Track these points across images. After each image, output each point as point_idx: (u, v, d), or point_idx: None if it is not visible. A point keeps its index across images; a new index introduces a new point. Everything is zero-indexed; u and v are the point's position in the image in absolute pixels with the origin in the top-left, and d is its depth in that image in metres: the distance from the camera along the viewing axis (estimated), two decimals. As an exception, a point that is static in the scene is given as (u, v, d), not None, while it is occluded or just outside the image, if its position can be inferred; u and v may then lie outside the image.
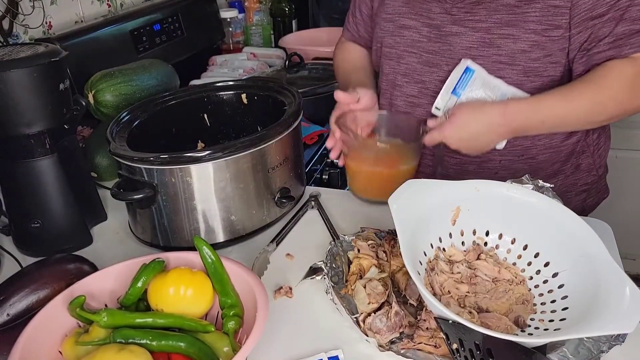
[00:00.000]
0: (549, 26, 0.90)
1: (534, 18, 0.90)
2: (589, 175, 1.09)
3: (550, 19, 0.90)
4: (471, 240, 0.79)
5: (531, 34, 0.91)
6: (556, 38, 0.91)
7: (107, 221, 1.02)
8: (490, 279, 0.75)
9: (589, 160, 1.07)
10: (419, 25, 1.01)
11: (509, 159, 1.02)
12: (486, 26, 0.94)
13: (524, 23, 0.91)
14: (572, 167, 1.06)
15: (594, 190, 1.12)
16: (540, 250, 0.74)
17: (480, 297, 0.72)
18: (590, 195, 1.11)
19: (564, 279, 0.70)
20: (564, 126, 0.95)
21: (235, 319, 0.68)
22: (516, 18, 0.91)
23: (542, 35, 0.91)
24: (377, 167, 0.92)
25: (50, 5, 1.38)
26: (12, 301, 0.73)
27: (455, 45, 0.96)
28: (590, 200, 1.12)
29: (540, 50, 0.92)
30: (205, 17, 1.84)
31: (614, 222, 0.91)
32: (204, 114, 1.11)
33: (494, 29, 0.93)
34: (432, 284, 0.73)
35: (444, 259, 0.77)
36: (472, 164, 1.04)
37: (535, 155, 1.02)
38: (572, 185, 1.08)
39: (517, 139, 0.99)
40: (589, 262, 0.67)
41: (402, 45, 1.03)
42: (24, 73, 0.80)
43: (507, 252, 0.77)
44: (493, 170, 1.03)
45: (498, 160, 1.02)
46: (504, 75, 0.94)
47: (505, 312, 0.70)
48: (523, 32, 0.91)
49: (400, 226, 0.69)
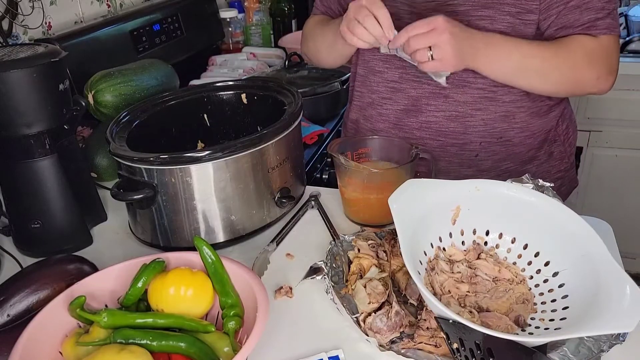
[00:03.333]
0: (522, 9, 0.94)
1: (509, 0, 0.93)
2: (562, 163, 1.14)
3: (523, 3, 0.93)
4: (471, 240, 0.79)
5: (506, 15, 0.94)
6: (528, 22, 0.95)
7: (107, 221, 1.02)
8: (491, 278, 0.75)
9: (560, 148, 1.12)
10: (401, 12, 1.01)
11: (488, 141, 1.05)
12: (464, 9, 0.95)
13: (500, 5, 0.94)
14: (545, 154, 1.10)
15: (567, 179, 1.17)
16: (540, 250, 0.74)
17: (480, 296, 0.72)
18: (563, 183, 1.16)
19: (564, 278, 0.70)
20: (522, 71, 0.95)
21: (236, 319, 0.68)
22: (492, 1, 0.94)
23: (516, 18, 0.94)
24: (370, 192, 0.92)
25: (50, 5, 1.38)
26: (12, 302, 0.73)
27: None
28: (563, 188, 1.16)
29: (515, 32, 0.95)
30: (204, 17, 1.85)
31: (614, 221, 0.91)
32: (203, 114, 1.11)
33: (472, 12, 0.95)
34: (432, 283, 0.73)
35: (444, 258, 0.77)
36: (454, 147, 1.06)
37: (511, 138, 1.05)
38: (546, 173, 1.11)
39: (495, 121, 1.02)
40: (589, 261, 0.67)
41: None
42: (23, 73, 0.80)
43: (507, 252, 0.77)
44: (473, 152, 1.06)
45: (478, 142, 1.05)
46: None
47: (506, 312, 0.70)
48: (499, 14, 0.94)
49: (400, 226, 0.69)
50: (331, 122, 1.49)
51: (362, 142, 1.00)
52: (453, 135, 1.05)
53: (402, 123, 1.08)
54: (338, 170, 0.95)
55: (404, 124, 1.08)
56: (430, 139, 1.06)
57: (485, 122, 1.03)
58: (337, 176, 0.96)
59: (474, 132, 1.04)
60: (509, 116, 1.03)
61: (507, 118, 1.03)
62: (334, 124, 1.49)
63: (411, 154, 0.93)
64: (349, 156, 0.98)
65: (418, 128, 1.06)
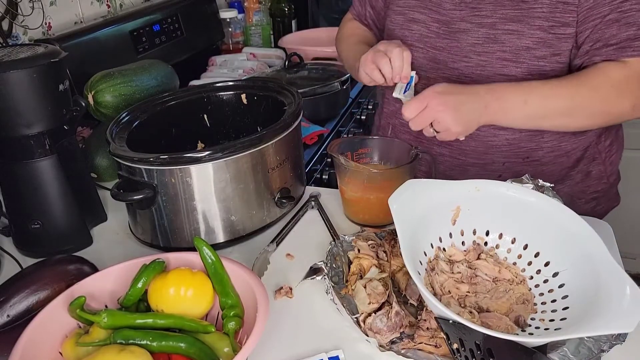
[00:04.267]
0: (555, 23, 0.88)
1: (541, 14, 0.88)
2: (600, 183, 1.06)
3: (558, 16, 0.88)
4: (471, 240, 0.79)
5: (537, 30, 0.89)
6: (563, 36, 0.89)
7: (107, 222, 1.02)
8: (491, 278, 0.75)
9: (600, 167, 1.05)
10: (428, 20, 0.99)
11: (513, 161, 1.00)
12: (491, 22, 0.92)
13: (530, 19, 0.89)
14: (581, 173, 1.03)
15: (604, 199, 1.09)
16: (540, 250, 0.74)
17: (480, 296, 0.72)
18: (599, 203, 1.08)
19: (565, 279, 0.70)
20: (545, 116, 0.90)
21: (236, 320, 0.68)
22: (522, 13, 0.89)
23: (548, 32, 0.89)
24: (370, 193, 0.91)
25: (50, 6, 1.38)
26: (12, 302, 0.73)
27: (462, 42, 0.95)
28: (599, 208, 1.09)
29: (547, 48, 0.90)
30: (204, 18, 1.84)
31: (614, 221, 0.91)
32: (203, 115, 1.11)
33: (499, 25, 0.91)
34: (432, 283, 0.73)
35: (444, 258, 0.77)
36: (475, 167, 1.02)
37: (540, 158, 1.00)
38: (581, 192, 1.05)
39: (521, 141, 0.98)
40: (590, 262, 0.67)
41: (410, 39, 1.02)
42: (23, 74, 0.80)
43: (507, 252, 0.77)
44: (496, 172, 1.01)
45: (501, 163, 1.00)
46: (508, 72, 0.93)
47: (506, 312, 0.70)
48: (528, 28, 0.89)
49: (401, 226, 0.69)
50: (331, 122, 1.49)
51: (362, 143, 1.00)
52: (474, 155, 1.01)
53: (422, 136, 0.99)
54: (338, 170, 0.95)
55: (425, 137, 1.00)
56: (450, 156, 1.03)
57: (510, 142, 0.98)
58: (337, 176, 0.96)
59: (497, 152, 0.99)
60: (536, 135, 0.97)
61: (534, 137, 0.97)
62: (333, 124, 1.49)
63: (411, 155, 0.93)
64: (349, 156, 0.98)
65: (438, 144, 1.03)
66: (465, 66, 0.96)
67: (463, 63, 0.96)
